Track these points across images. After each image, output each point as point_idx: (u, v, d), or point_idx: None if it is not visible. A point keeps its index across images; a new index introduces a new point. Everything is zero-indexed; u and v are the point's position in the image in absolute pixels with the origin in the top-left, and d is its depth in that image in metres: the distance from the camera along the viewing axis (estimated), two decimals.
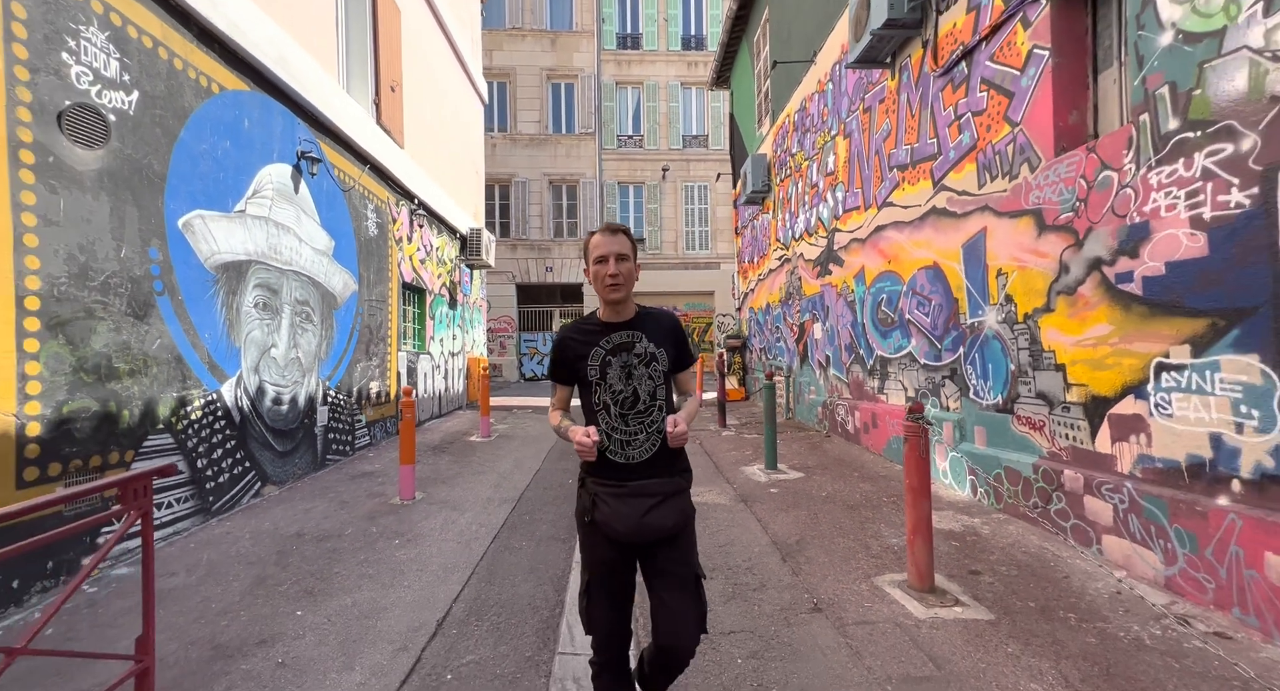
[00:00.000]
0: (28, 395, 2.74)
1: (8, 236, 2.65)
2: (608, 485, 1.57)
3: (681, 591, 1.54)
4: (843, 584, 2.92)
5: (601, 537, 1.57)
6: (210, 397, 3.99)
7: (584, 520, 1.62)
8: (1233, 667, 2.11)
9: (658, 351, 1.62)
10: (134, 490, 1.84)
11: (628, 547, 1.56)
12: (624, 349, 1.61)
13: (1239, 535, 2.34)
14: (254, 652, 2.38)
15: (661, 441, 1.58)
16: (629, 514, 1.52)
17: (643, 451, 1.58)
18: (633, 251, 1.62)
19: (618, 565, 1.59)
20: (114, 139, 3.21)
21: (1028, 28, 3.56)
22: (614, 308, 1.63)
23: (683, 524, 1.59)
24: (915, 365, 4.97)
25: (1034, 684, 2.06)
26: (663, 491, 1.56)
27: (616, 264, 1.57)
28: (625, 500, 1.53)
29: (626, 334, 1.62)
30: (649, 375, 1.61)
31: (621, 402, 1.59)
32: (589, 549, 1.63)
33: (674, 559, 1.56)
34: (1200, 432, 2.53)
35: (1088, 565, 3.01)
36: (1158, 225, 2.71)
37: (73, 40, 2.98)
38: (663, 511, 1.54)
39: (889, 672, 2.14)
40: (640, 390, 1.60)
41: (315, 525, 3.96)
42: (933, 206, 4.64)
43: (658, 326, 1.65)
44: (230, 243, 4.21)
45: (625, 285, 1.59)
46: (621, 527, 1.52)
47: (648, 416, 1.60)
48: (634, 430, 1.59)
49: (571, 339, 1.65)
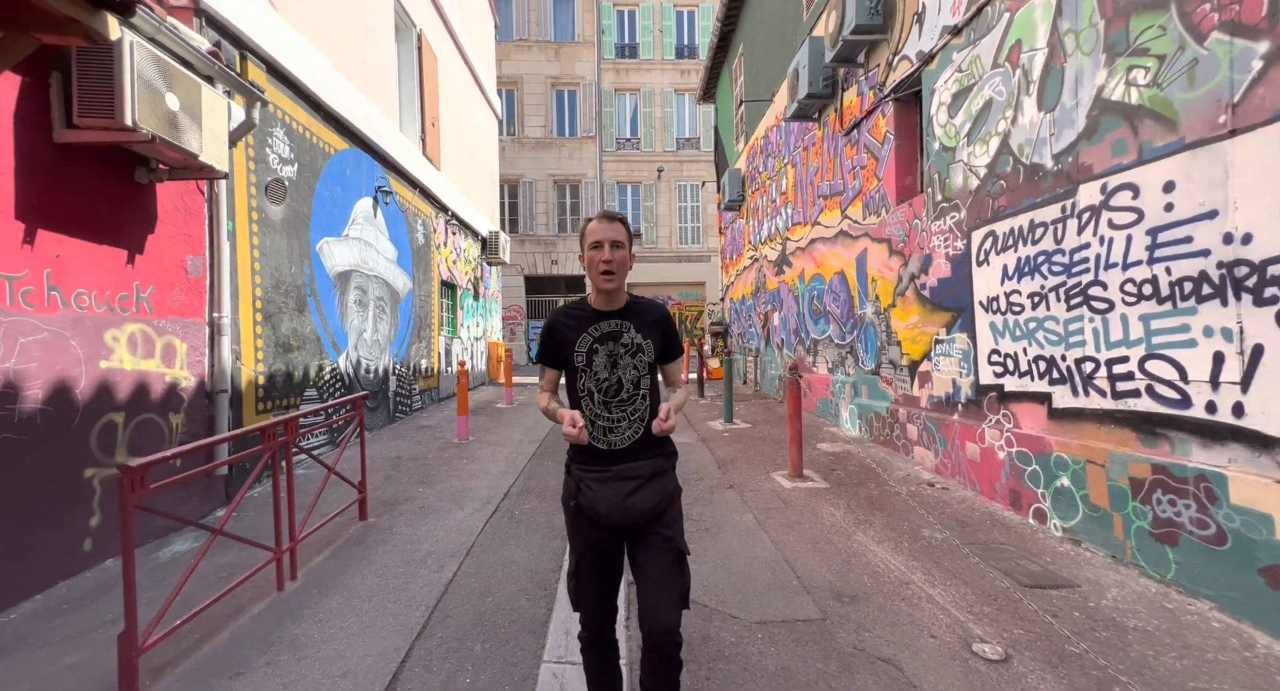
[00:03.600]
0: (257, 359, 4.57)
1: (248, 263, 4.45)
2: (591, 470, 1.59)
3: (665, 567, 1.57)
4: (750, 476, 4.77)
5: (586, 521, 1.60)
6: (334, 366, 5.82)
7: (569, 505, 1.64)
8: (940, 498, 3.97)
9: (644, 342, 1.63)
10: (358, 404, 3.69)
11: (613, 529, 1.59)
12: (611, 338, 1.62)
13: (958, 435, 4.17)
14: (403, 503, 4.23)
15: (645, 429, 1.61)
16: (611, 497, 1.55)
17: (624, 439, 1.60)
18: (628, 240, 1.61)
19: (605, 547, 1.62)
20: (288, 197, 5.00)
21: (885, 116, 5.31)
22: (606, 296, 1.63)
23: (665, 504, 1.61)
24: (832, 344, 6.79)
25: (831, 508, 3.91)
26: (643, 474, 1.58)
27: (611, 250, 1.57)
28: (608, 484, 1.56)
29: (615, 323, 1.63)
30: (634, 365, 1.61)
31: (606, 390, 1.60)
32: (576, 533, 1.65)
33: (658, 535, 1.59)
34: (949, 378, 4.35)
35: (902, 465, 4.86)
36: (935, 256, 4.50)
37: (270, 139, 4.76)
38: (644, 493, 1.57)
39: (760, 506, 3.99)
40: (625, 379, 1.61)
41: (407, 452, 5.82)
42: (840, 229, 6.41)
43: (646, 317, 1.67)
44: (341, 258, 6.01)
45: (619, 273, 1.58)
46: (604, 510, 1.55)
47: (631, 405, 1.61)
48: (617, 417, 1.61)
49: (561, 323, 1.65)
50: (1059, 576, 2.79)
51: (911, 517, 3.67)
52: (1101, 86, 2.91)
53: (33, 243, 2.77)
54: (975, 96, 3.94)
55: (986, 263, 3.86)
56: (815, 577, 2.89)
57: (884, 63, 5.22)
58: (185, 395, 3.76)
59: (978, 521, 3.58)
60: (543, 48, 19.59)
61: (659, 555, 1.57)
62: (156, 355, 3.52)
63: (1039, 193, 3.36)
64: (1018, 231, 3.54)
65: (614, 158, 20.05)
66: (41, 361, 2.81)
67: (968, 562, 2.99)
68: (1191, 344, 2.49)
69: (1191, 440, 2.50)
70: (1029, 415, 3.49)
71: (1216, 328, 2.38)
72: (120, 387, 3.25)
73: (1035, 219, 3.39)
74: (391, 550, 3.34)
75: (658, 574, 1.56)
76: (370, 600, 2.73)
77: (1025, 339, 3.51)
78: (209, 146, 3.39)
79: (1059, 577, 2.78)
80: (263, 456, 2.75)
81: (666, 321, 1.70)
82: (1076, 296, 3.10)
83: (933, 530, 3.45)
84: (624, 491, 1.55)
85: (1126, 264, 2.79)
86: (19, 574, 2.68)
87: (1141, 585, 2.66)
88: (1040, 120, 3.34)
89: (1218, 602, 2.38)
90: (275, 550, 2.81)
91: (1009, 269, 3.63)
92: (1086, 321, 3.05)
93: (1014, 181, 3.57)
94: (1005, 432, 3.68)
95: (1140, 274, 2.72)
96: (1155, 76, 2.62)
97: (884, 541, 3.32)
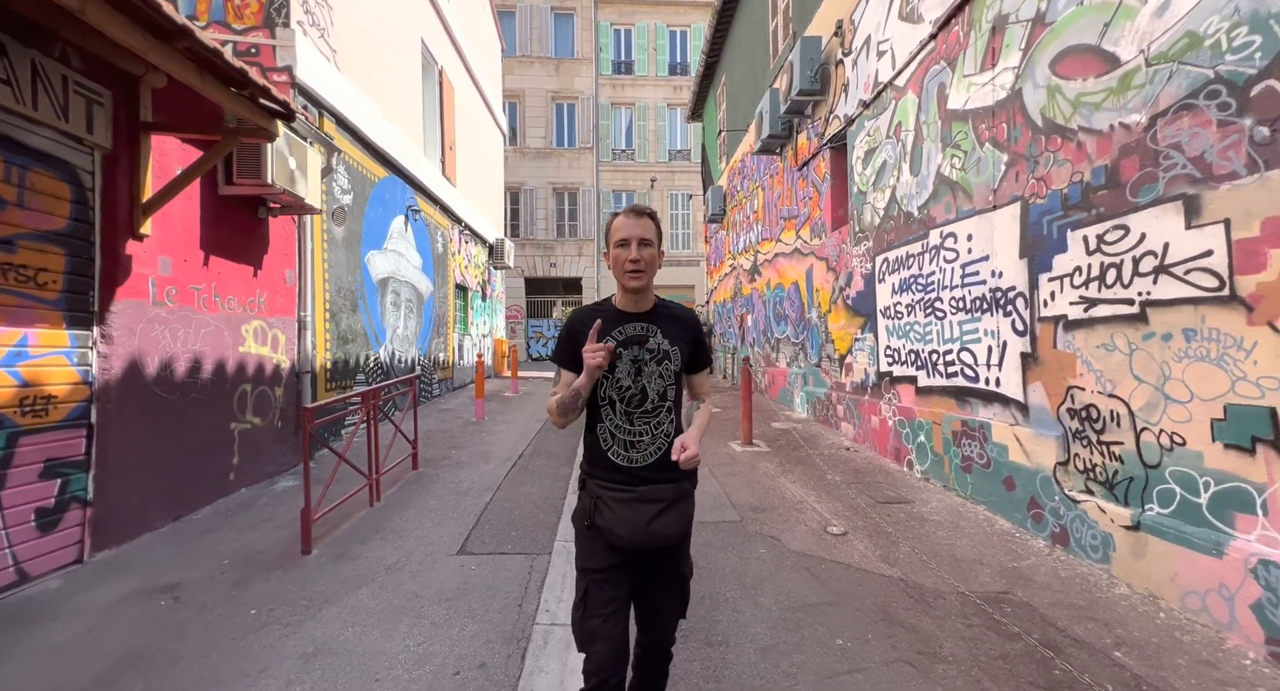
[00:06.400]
0: (326, 349, 5.83)
1: (320, 274, 5.71)
2: (611, 489, 1.48)
3: (673, 597, 1.53)
4: (711, 445, 6.07)
5: (603, 543, 1.48)
6: (376, 356, 7.08)
7: (583, 524, 1.53)
8: (849, 457, 5.30)
9: (672, 349, 1.52)
10: (413, 382, 4.98)
11: (630, 552, 1.48)
12: (636, 342, 1.51)
13: (867, 410, 5.49)
14: (442, 460, 5.52)
15: (668, 447, 1.50)
16: (634, 520, 1.43)
17: (646, 455, 1.49)
18: (658, 237, 1.50)
19: (617, 570, 1.49)
20: (348, 219, 6.27)
21: (824, 160, 6.63)
22: (632, 296, 1.52)
23: (688, 530, 1.54)
24: (789, 342, 8.11)
25: (767, 464, 5.22)
26: (668, 498, 1.47)
27: (639, 249, 1.46)
28: (630, 506, 1.45)
29: (641, 326, 1.52)
30: (660, 373, 1.51)
31: (628, 400, 1.50)
32: (588, 554, 1.51)
33: (672, 563, 1.53)
34: (862, 368, 5.67)
35: (832, 436, 6.18)
36: (854, 274, 5.82)
37: (335, 175, 6.02)
38: (669, 518, 1.46)
39: (714, 463, 5.29)
40: (649, 388, 1.50)
41: (436, 427, 7.09)
42: (795, 247, 7.74)
43: (676, 322, 1.56)
44: (381, 267, 7.28)
45: (647, 272, 1.48)
46: (626, 534, 1.44)
47: (655, 417, 1.51)
48: (639, 431, 1.50)
49: (584, 323, 1.51)
50: (904, 498, 4.11)
51: (823, 469, 4.99)
52: (940, 164, 4.23)
53: (208, 264, 4.04)
54: (877, 156, 5.26)
55: (883, 280, 5.18)
56: (742, 501, 4.19)
57: (824, 117, 6.55)
58: (283, 374, 5.03)
59: (870, 470, 4.90)
60: (544, 63, 20.86)
61: (670, 584, 1.54)
62: (268, 344, 4.79)
63: (911, 233, 4.68)
64: (899, 259, 4.86)
65: (610, 167, 21.34)
66: (210, 346, 4.08)
67: (848, 492, 4.31)
68: (979, 340, 3.81)
69: (979, 403, 3.83)
70: (905, 393, 4.81)
71: (989, 330, 3.71)
72: (249, 367, 4.52)
73: (908, 251, 4.71)
74: (442, 487, 4.63)
75: (665, 602, 1.54)
76: (435, 512, 4.02)
77: (904, 338, 4.83)
78: (310, 190, 4.66)
79: (903, 498, 4.10)
80: (361, 413, 4.03)
81: (697, 328, 1.59)
82: (929, 308, 4.43)
83: (834, 475, 4.76)
84: (648, 515, 1.43)
85: (951, 286, 4.11)
86: (198, 490, 3.95)
87: (952, 500, 3.98)
88: (911, 181, 4.66)
89: (987, 504, 3.71)
90: (369, 477, 4.09)
91: (895, 286, 4.95)
92: (934, 325, 4.37)
93: (899, 222, 4.89)
94: (893, 406, 5.00)
95: (958, 293, 4.04)
96: (963, 164, 3.94)
97: (796, 482, 4.63)
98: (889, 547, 3.26)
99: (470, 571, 3.07)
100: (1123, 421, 2.74)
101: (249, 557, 3.23)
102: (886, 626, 2.45)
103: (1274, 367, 2.11)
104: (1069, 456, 3.08)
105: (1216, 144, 2.30)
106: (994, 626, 2.43)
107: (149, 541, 3.42)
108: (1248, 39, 2.18)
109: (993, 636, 2.36)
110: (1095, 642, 2.29)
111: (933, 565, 3.03)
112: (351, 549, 3.36)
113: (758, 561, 3.14)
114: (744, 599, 2.71)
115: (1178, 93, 2.46)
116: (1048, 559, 3.06)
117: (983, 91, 3.73)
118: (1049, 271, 3.19)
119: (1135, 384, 2.68)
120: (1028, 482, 3.36)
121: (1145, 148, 2.61)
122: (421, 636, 2.44)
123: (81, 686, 2.09)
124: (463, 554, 3.32)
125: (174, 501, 3.71)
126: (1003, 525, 3.50)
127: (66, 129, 2.92)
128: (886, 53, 5.01)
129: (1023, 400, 3.43)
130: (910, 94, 4.65)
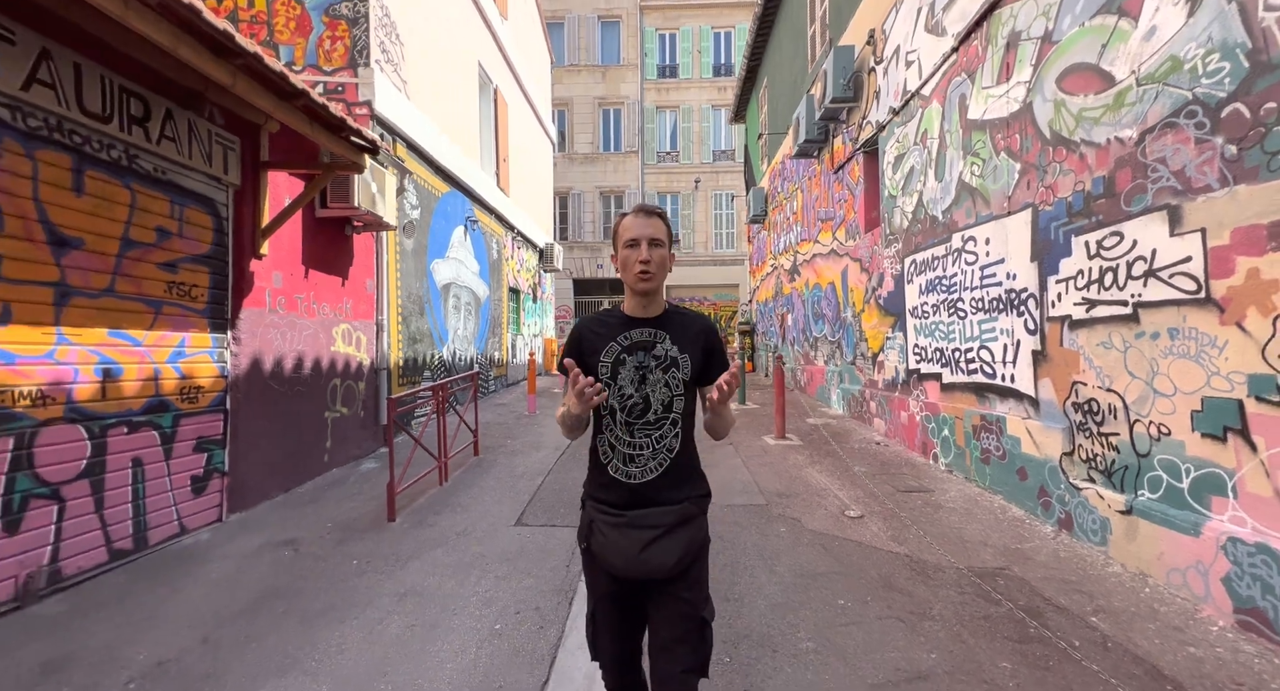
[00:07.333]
0: (398, 349, 6.56)
1: (394, 282, 6.44)
2: (605, 511, 1.39)
3: (681, 640, 1.34)
4: (746, 438, 6.43)
5: (601, 568, 1.41)
6: (439, 355, 7.82)
7: (581, 546, 1.47)
8: (878, 451, 5.54)
9: (680, 357, 1.41)
10: (474, 377, 5.59)
11: (629, 581, 1.37)
12: (642, 348, 1.41)
13: (897, 407, 5.71)
14: (499, 448, 6.12)
15: (669, 463, 1.39)
16: (626, 547, 1.33)
17: (646, 470, 1.38)
18: (668, 237, 1.43)
19: (620, 598, 1.41)
20: (416, 232, 7.00)
21: (858, 164, 6.83)
22: (641, 300, 1.44)
23: (690, 559, 1.37)
24: (827, 341, 8.31)
25: (797, 455, 5.54)
26: (665, 523, 1.34)
27: (650, 249, 1.38)
28: (622, 531, 1.35)
29: (648, 332, 1.42)
30: (665, 383, 1.40)
31: (629, 410, 1.40)
32: (590, 577, 1.46)
33: (678, 599, 1.35)
34: (893, 366, 5.88)
35: (865, 432, 6.40)
36: (885, 275, 6.03)
37: (405, 193, 6.75)
38: (665, 546, 1.33)
39: (747, 455, 5.66)
40: (653, 398, 1.39)
41: (493, 419, 7.76)
42: (831, 248, 7.94)
43: (686, 328, 1.45)
44: (444, 274, 8.01)
45: (657, 275, 1.40)
46: (617, 562, 1.34)
47: (657, 430, 1.40)
48: (639, 444, 1.39)
49: (590, 331, 1.46)
50: (924, 487, 4.36)
51: (850, 461, 5.26)
52: (961, 171, 4.44)
53: (307, 277, 4.77)
54: (906, 162, 5.47)
55: (911, 281, 5.39)
56: (769, 487, 4.55)
57: (858, 122, 6.75)
58: (365, 371, 5.76)
59: (896, 463, 5.13)
60: (591, 71, 21.55)
61: (677, 621, 1.35)
62: (353, 344, 5.52)
63: (936, 236, 4.89)
64: (926, 261, 5.07)
65: (655, 170, 21.80)
66: (309, 347, 4.80)
67: (871, 482, 4.58)
68: (996, 339, 4.02)
69: (996, 398, 4.04)
70: (931, 389, 5.02)
71: (1004, 329, 3.91)
72: (338, 364, 5.25)
73: (934, 254, 4.92)
74: (499, 470, 5.21)
75: (675, 642, 1.34)
76: (495, 492, 4.59)
77: (930, 336, 5.04)
78: (387, 209, 5.35)
79: (924, 488, 4.35)
80: (430, 404, 4.65)
81: (710, 335, 1.47)
82: (951, 308, 4.63)
83: (861, 467, 5.04)
84: (640, 542, 1.32)
85: (971, 287, 4.32)
86: (301, 468, 4.68)
87: (971, 490, 4.20)
88: (936, 186, 4.87)
89: (1002, 494, 3.92)
90: (439, 460, 4.71)
91: (922, 287, 5.16)
92: (957, 324, 4.57)
93: (925, 226, 5.10)
94: (920, 402, 5.22)
95: (977, 294, 4.25)
96: (981, 171, 4.15)
97: (824, 472, 4.94)
98: (901, 529, 3.56)
99: (526, 539, 3.60)
100: (1119, 414, 2.95)
101: (347, 523, 3.89)
102: (885, 592, 2.79)
103: (1242, 363, 2.32)
104: (1073, 447, 3.29)
105: (1194, 159, 2.51)
106: (983, 594, 2.72)
107: (268, 508, 4.14)
108: (1219, 65, 2.39)
109: (980, 602, 2.66)
110: (1076, 610, 2.55)
111: (939, 545, 3.31)
112: (427, 518, 3.96)
113: (777, 538, 3.51)
114: (760, 567, 3.10)
115: (1163, 111, 2.67)
116: (1051, 542, 3.28)
117: (999, 103, 3.94)
118: (1056, 274, 3.40)
119: (1129, 379, 2.88)
120: (1038, 472, 3.57)
121: (1136, 161, 2.82)
122: (488, 585, 2.97)
123: (240, 608, 2.74)
124: (519, 525, 3.86)
125: (284, 476, 4.44)
126: (1015, 512, 3.72)
127: (210, 172, 3.64)
128: (914, 63, 5.22)
129: (1034, 395, 3.64)
130: (935, 103, 4.85)
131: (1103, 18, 3.04)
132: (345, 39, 5.64)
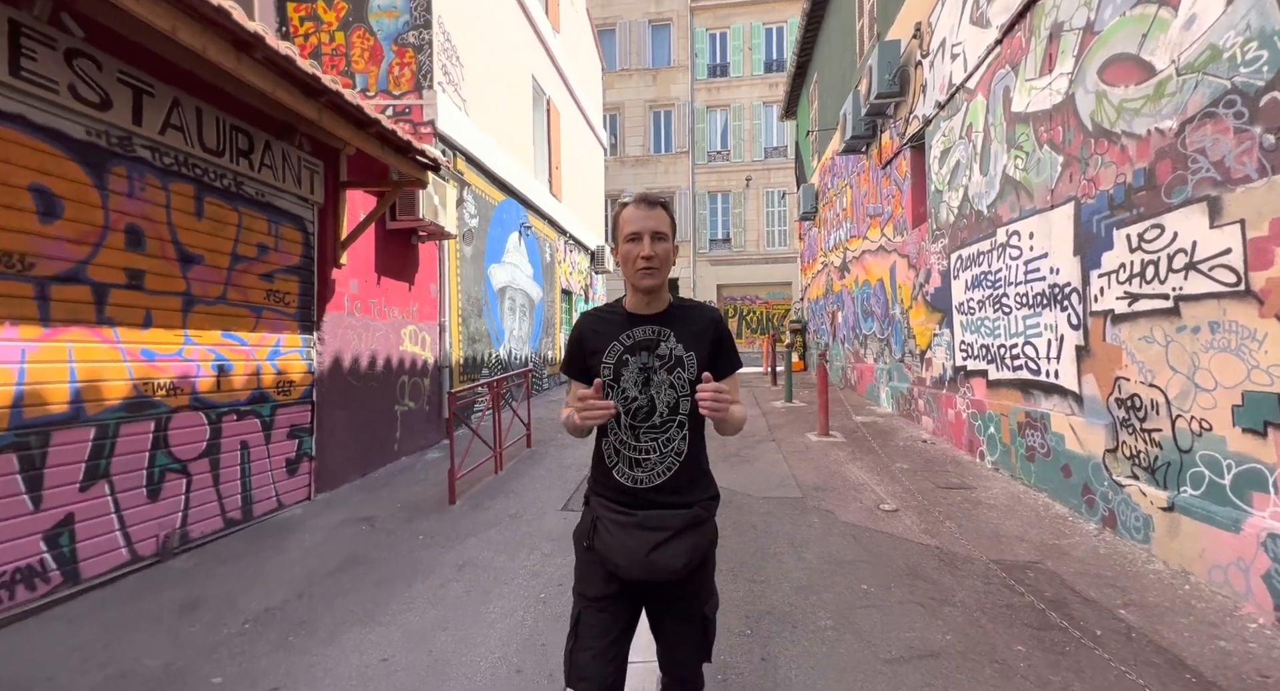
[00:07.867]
0: (459, 348, 7.08)
1: (455, 286, 6.95)
2: (612, 510, 1.34)
3: (685, 639, 1.38)
4: (789, 435, 6.50)
5: (602, 568, 1.35)
6: (496, 354, 8.32)
7: (581, 544, 1.40)
8: (924, 449, 5.49)
9: (685, 355, 1.35)
10: (526, 375, 5.97)
11: (630, 583, 1.33)
12: (645, 347, 1.36)
13: (944, 404, 5.63)
14: (549, 442, 6.49)
15: (678, 467, 1.34)
16: (633, 548, 1.28)
17: (652, 475, 1.34)
18: (671, 230, 1.35)
19: (615, 599, 1.34)
20: (474, 239, 7.51)
21: (905, 159, 6.74)
22: (643, 297, 1.38)
23: (699, 561, 1.34)
24: (875, 339, 8.20)
25: (838, 452, 5.58)
26: (673, 525, 1.30)
27: (652, 244, 1.31)
28: (629, 531, 1.29)
29: (652, 330, 1.37)
30: (671, 383, 1.34)
31: (634, 412, 1.34)
32: (586, 578, 1.38)
33: (683, 599, 1.36)
34: (940, 363, 5.79)
35: (912, 430, 6.33)
36: (933, 271, 5.94)
37: (464, 203, 7.26)
38: (673, 548, 1.28)
39: (788, 450, 5.75)
40: (658, 400, 1.34)
41: (544, 415, 8.18)
42: (880, 244, 7.84)
43: (691, 324, 1.39)
44: (500, 278, 8.51)
45: (661, 270, 1.33)
46: (623, 563, 1.29)
47: (663, 433, 1.35)
48: (645, 447, 1.34)
49: (590, 329, 1.41)
50: (966, 484, 4.33)
51: (892, 458, 5.25)
52: (1005, 165, 4.37)
53: (379, 283, 5.29)
54: (952, 156, 5.39)
55: (957, 277, 5.31)
56: (806, 481, 4.65)
57: (905, 117, 6.67)
58: (429, 368, 6.27)
59: (941, 460, 5.09)
60: (641, 75, 21.87)
61: (680, 625, 1.37)
62: (419, 344, 6.04)
63: (981, 230, 4.81)
64: (971, 256, 4.99)
65: (705, 169, 21.85)
66: (380, 346, 5.33)
67: (911, 478, 4.59)
68: (1040, 334, 3.96)
69: (1040, 395, 3.97)
70: (978, 386, 4.95)
71: (1048, 325, 3.85)
72: (406, 362, 5.77)
73: (979, 249, 4.84)
74: (550, 462, 5.56)
75: (678, 637, 1.38)
76: (544, 480, 4.93)
77: (976, 332, 4.96)
78: (449, 220, 5.82)
79: (965, 485, 4.32)
80: (487, 399, 5.05)
81: (717, 328, 1.41)
82: (997, 303, 4.56)
83: (903, 464, 5.03)
84: (648, 543, 1.28)
85: (1016, 282, 4.25)
86: (374, 456, 5.20)
87: (1015, 488, 4.14)
88: (981, 181, 4.79)
89: (1047, 491, 3.86)
90: (494, 450, 5.11)
91: (968, 282, 5.09)
92: (1002, 320, 4.50)
93: (971, 221, 5.02)
94: (966, 400, 5.14)
95: (1022, 289, 4.18)
96: (1024, 164, 4.08)
97: (864, 469, 4.97)
98: (935, 523, 3.60)
99: (571, 522, 3.89)
100: (1161, 409, 2.90)
101: (414, 504, 4.33)
102: (910, 579, 2.88)
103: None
104: (1117, 443, 3.23)
105: (1233, 149, 2.46)
106: (1009, 586, 2.76)
107: (348, 490, 4.67)
108: (1257, 53, 2.34)
109: (1005, 592, 2.70)
110: (1105, 603, 2.56)
111: (972, 539, 3.34)
112: (483, 502, 4.34)
113: (808, 528, 3.64)
114: (789, 554, 3.25)
115: (1202, 101, 2.62)
116: (1092, 539, 3.24)
117: (1041, 95, 3.88)
118: (1098, 268, 3.34)
119: (1170, 374, 2.83)
120: (1081, 469, 3.51)
121: (1176, 152, 2.77)
122: (536, 560, 3.28)
123: (328, 570, 3.18)
124: (565, 510, 4.16)
125: (360, 462, 4.96)
126: (1059, 510, 3.66)
127: (299, 193, 4.16)
128: (959, 56, 5.15)
129: (1077, 391, 3.57)
130: (980, 96, 4.78)
131: (1143, 7, 2.98)
132: (412, 65, 6.18)
